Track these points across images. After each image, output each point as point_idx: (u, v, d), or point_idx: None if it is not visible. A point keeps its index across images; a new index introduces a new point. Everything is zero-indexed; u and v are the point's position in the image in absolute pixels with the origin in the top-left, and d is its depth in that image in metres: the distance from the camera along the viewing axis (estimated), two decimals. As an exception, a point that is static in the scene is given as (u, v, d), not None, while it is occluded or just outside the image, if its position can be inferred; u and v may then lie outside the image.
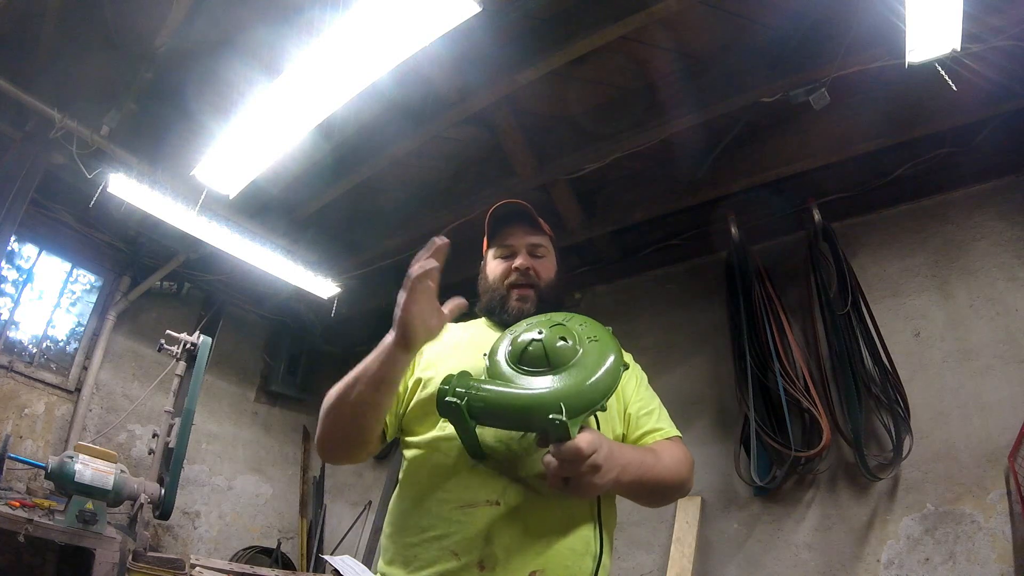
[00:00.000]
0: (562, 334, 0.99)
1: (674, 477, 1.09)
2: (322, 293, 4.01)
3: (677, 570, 2.69)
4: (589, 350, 0.96)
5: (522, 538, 0.95)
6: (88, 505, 2.53)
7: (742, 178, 2.96)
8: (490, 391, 0.92)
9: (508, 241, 1.30)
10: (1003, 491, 2.23)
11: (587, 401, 0.89)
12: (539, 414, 0.86)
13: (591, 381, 0.91)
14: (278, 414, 4.89)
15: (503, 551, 0.93)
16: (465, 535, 0.95)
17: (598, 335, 1.00)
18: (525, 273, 1.25)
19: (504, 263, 1.28)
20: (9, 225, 3.12)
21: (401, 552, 1.01)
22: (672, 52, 2.64)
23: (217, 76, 2.86)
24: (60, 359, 3.87)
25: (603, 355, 0.95)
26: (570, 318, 1.06)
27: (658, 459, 1.06)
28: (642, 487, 1.02)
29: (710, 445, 2.99)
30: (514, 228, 1.31)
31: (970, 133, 2.61)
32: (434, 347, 1.17)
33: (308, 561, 4.38)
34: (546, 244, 1.32)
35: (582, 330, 1.01)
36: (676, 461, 1.10)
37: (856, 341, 2.64)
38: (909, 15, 1.91)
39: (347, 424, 1.06)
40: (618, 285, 3.74)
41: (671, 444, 1.14)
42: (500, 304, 1.25)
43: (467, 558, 0.93)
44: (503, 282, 1.26)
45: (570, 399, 0.87)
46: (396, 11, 1.95)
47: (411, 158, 3.28)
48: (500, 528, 0.94)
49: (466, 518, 0.96)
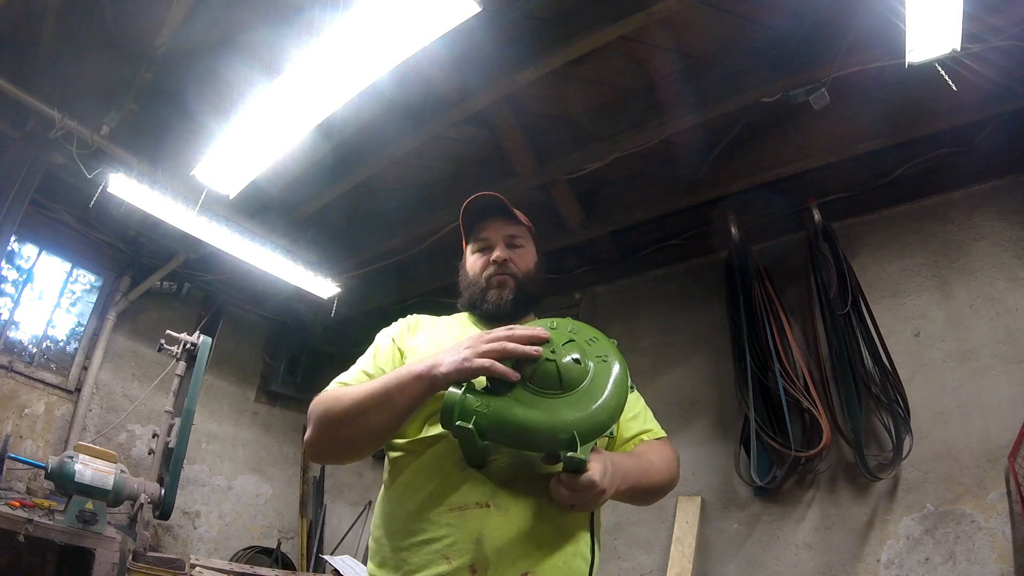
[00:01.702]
0: (574, 352, 0.97)
1: (665, 478, 1.14)
2: (322, 293, 4.01)
3: (677, 570, 2.69)
4: (599, 372, 0.96)
5: (513, 540, 0.94)
6: (88, 505, 2.53)
7: (742, 178, 2.96)
8: (501, 415, 0.89)
9: (484, 234, 1.30)
10: (1003, 491, 2.23)
11: (599, 428, 0.91)
12: (554, 442, 0.88)
13: (604, 408, 0.92)
14: (278, 414, 4.89)
15: (494, 553, 0.93)
16: (456, 538, 0.94)
17: (607, 354, 1.00)
18: (503, 264, 1.25)
19: (482, 257, 1.29)
20: (9, 225, 3.12)
21: (391, 556, 1.01)
22: (672, 52, 2.64)
23: (217, 76, 2.86)
24: (60, 359, 3.87)
25: (613, 378, 0.96)
26: (577, 330, 1.05)
27: (651, 463, 1.09)
28: (636, 491, 1.05)
29: (710, 445, 2.99)
30: (489, 221, 1.31)
31: (970, 133, 2.61)
32: (419, 345, 1.18)
33: (308, 561, 4.38)
34: (523, 234, 1.32)
35: (591, 347, 1.00)
36: (666, 462, 1.15)
37: (856, 341, 2.64)
38: (909, 15, 1.91)
39: (355, 441, 1.05)
40: (618, 285, 3.74)
41: (660, 445, 1.18)
42: (480, 296, 1.25)
43: (458, 561, 0.93)
44: (482, 275, 1.27)
45: (583, 427, 0.88)
46: (396, 11, 1.95)
47: (411, 158, 3.27)
48: (491, 530, 0.94)
49: (456, 521, 0.96)
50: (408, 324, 1.27)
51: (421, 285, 4.07)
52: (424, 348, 1.17)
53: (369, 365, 1.18)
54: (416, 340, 1.21)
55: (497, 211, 1.31)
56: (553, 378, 0.93)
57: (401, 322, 1.28)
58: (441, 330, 1.25)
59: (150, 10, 2.71)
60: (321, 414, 1.07)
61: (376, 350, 1.22)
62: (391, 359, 1.18)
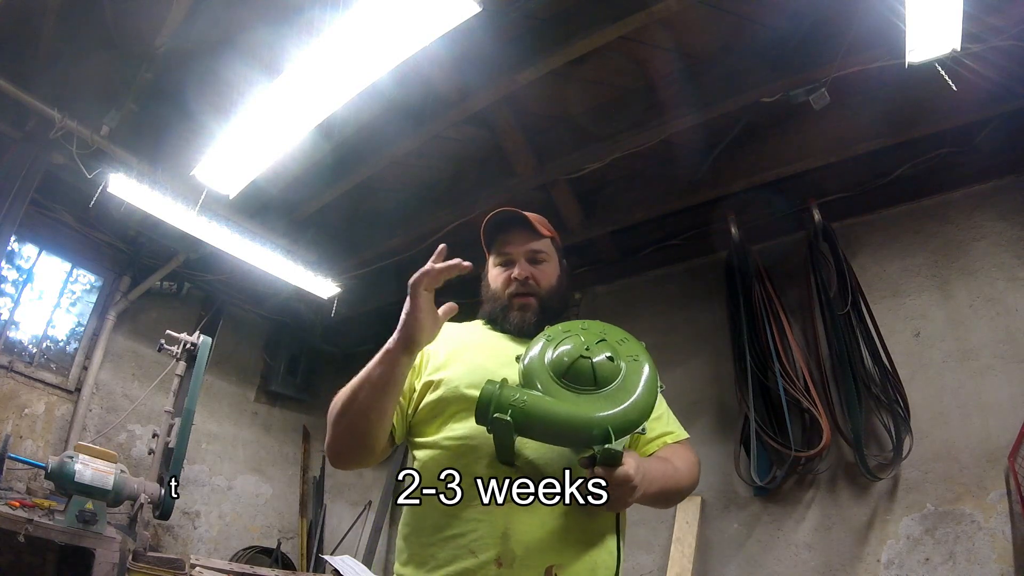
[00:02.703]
0: (607, 351, 0.99)
1: (688, 482, 1.14)
2: (322, 293, 4.01)
3: (677, 570, 2.69)
4: (631, 370, 0.99)
5: (540, 534, 0.95)
6: (88, 505, 2.53)
7: (742, 178, 2.96)
8: (539, 408, 0.92)
9: (506, 249, 1.28)
10: (1003, 491, 2.23)
11: (632, 424, 0.93)
12: (588, 436, 0.90)
13: (636, 405, 0.94)
14: (278, 414, 4.89)
15: (521, 548, 0.94)
16: (483, 533, 0.96)
17: (638, 354, 1.03)
18: (524, 283, 1.24)
19: (504, 272, 1.27)
20: (9, 225, 3.12)
21: (417, 552, 1.02)
22: (672, 52, 2.64)
23: (217, 76, 2.86)
24: (60, 359, 3.87)
25: (644, 377, 0.98)
26: (608, 331, 1.07)
27: (676, 468, 1.10)
28: (660, 495, 1.05)
29: (710, 445, 2.99)
30: (512, 235, 1.28)
31: (970, 133, 2.61)
32: (440, 348, 1.17)
33: (308, 561, 4.38)
34: (547, 248, 1.29)
35: (622, 347, 1.03)
36: (689, 466, 1.15)
37: (856, 341, 2.64)
38: (909, 15, 1.91)
39: (354, 429, 1.06)
40: (618, 285, 3.73)
41: (682, 448, 1.18)
42: (502, 314, 1.25)
43: (485, 555, 0.94)
44: (504, 292, 1.25)
45: (617, 423, 0.91)
46: (396, 11, 1.95)
47: (411, 158, 3.27)
48: (517, 525, 0.95)
49: (483, 516, 0.97)
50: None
51: (421, 285, 4.06)
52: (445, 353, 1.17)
53: None
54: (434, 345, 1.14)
55: (519, 225, 1.27)
56: (588, 375, 0.96)
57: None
58: (461, 333, 1.24)
59: (150, 10, 2.71)
60: (329, 416, 1.10)
61: None
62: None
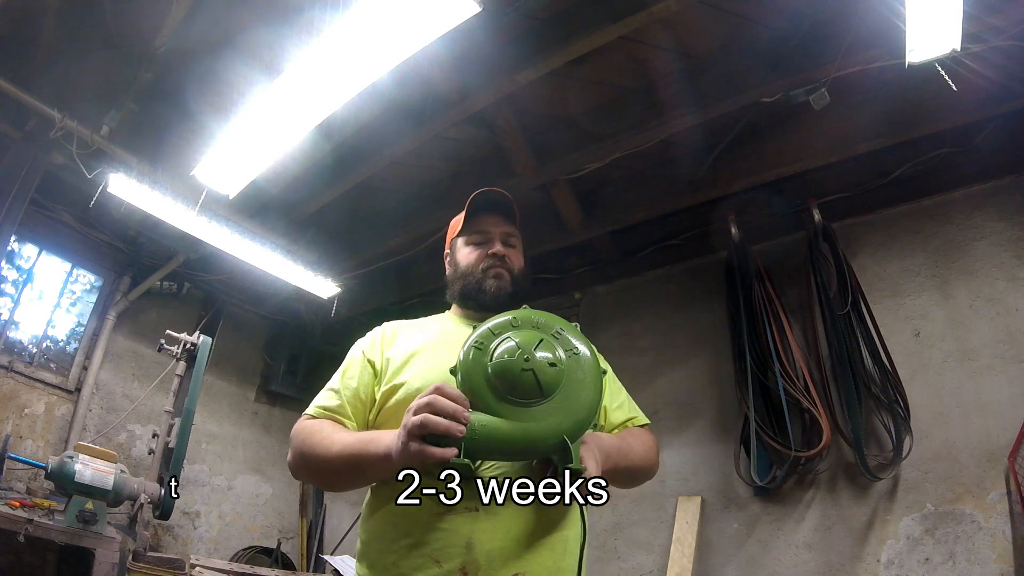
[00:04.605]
0: (547, 353, 0.96)
1: (644, 462, 1.18)
2: (322, 293, 4.01)
3: (677, 570, 2.69)
4: (573, 367, 0.97)
5: (503, 542, 0.95)
6: (88, 505, 2.53)
7: (742, 178, 2.96)
8: (491, 437, 0.90)
9: (483, 227, 1.32)
10: (1003, 491, 2.23)
11: (585, 424, 0.95)
12: (545, 448, 0.92)
13: (585, 405, 0.95)
14: (278, 414, 4.89)
15: (484, 556, 0.93)
16: (446, 542, 0.95)
17: (575, 345, 1.00)
18: (501, 259, 1.28)
19: (478, 249, 1.30)
20: (9, 225, 3.11)
21: (379, 560, 1.01)
22: (672, 52, 2.64)
23: (217, 76, 2.86)
24: (60, 359, 3.87)
25: (588, 372, 0.98)
26: (541, 323, 1.02)
27: (631, 447, 1.13)
28: (616, 473, 1.07)
29: (710, 445, 2.99)
30: (490, 216, 1.33)
31: (970, 133, 2.61)
32: (397, 353, 1.17)
33: (308, 561, 4.38)
34: (517, 235, 1.35)
35: (559, 341, 0.99)
36: (646, 447, 1.20)
37: (856, 341, 2.64)
38: (909, 15, 1.91)
39: (322, 483, 1.15)
40: (618, 285, 3.74)
41: (641, 431, 1.24)
42: (476, 287, 1.26)
43: (449, 564, 0.93)
44: (478, 266, 1.28)
45: (571, 430, 0.91)
46: (396, 11, 1.95)
47: (411, 158, 3.27)
48: (481, 533, 0.94)
49: (445, 524, 0.96)
50: (384, 334, 1.25)
51: (421, 285, 4.07)
52: (404, 356, 1.16)
53: (336, 382, 1.18)
54: (394, 350, 1.19)
55: (500, 209, 1.33)
56: (533, 388, 0.93)
57: (375, 332, 1.27)
58: (421, 332, 1.24)
59: (150, 10, 2.71)
60: (297, 448, 1.11)
61: (346, 366, 1.21)
62: (359, 374, 1.17)
